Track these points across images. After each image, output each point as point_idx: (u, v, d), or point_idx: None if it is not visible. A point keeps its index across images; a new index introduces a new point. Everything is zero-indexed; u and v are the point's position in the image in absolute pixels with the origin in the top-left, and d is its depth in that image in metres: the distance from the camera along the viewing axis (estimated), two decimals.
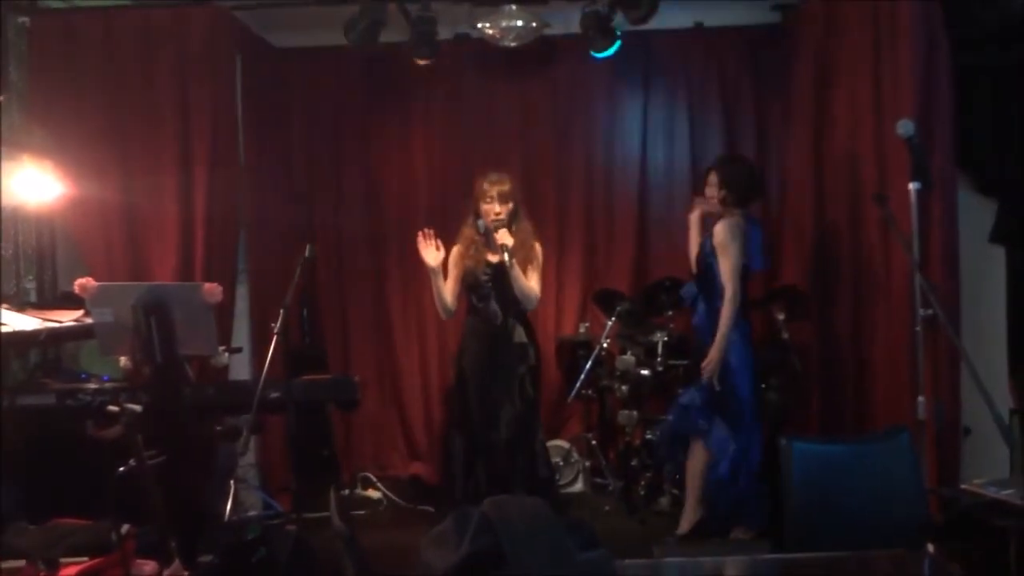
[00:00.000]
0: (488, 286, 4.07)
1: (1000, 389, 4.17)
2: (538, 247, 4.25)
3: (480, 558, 1.33)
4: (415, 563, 1.42)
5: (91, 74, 4.47)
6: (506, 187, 4.12)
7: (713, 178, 4.21)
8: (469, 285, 4.16)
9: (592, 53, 4.95)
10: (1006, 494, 2.33)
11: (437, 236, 4.08)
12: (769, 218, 5.39)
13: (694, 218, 4.38)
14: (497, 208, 4.09)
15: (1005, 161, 4.32)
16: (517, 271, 4.04)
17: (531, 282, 4.13)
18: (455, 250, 4.23)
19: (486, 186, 4.13)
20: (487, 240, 4.14)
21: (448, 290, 4.19)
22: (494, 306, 4.05)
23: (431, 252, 4.05)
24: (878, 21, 4.15)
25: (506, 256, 3.95)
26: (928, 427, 3.53)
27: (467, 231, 4.21)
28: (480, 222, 4.12)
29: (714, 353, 4.05)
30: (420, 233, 4.07)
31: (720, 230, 4.10)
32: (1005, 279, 4.42)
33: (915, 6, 3.88)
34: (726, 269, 4.06)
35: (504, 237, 3.98)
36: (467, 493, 4.15)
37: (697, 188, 4.91)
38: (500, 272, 4.07)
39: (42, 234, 4.55)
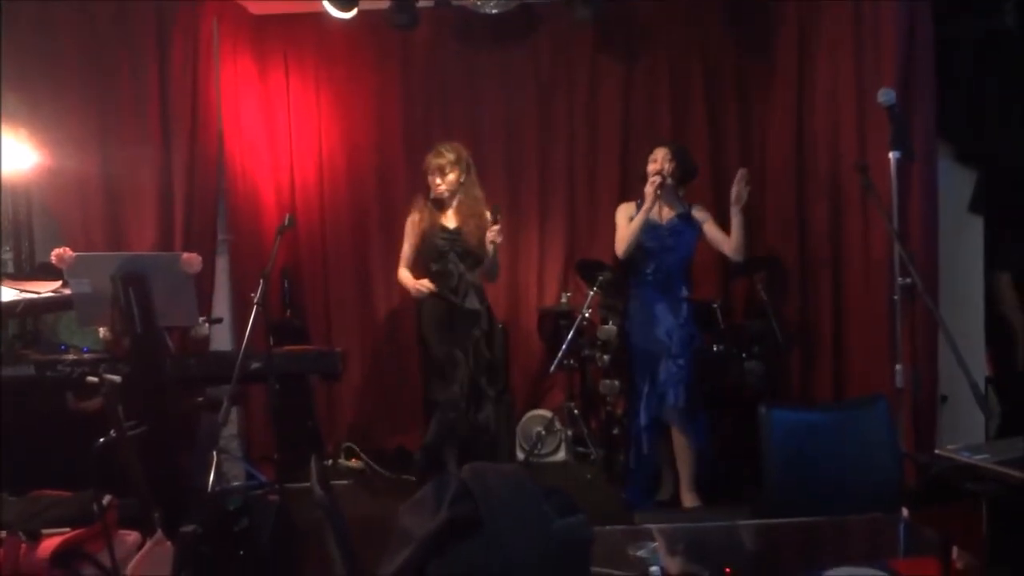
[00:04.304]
0: (445, 249, 4.28)
1: (977, 357, 4.23)
2: (489, 216, 4.26)
3: (458, 523, 1.34)
4: (393, 530, 1.43)
5: (66, 40, 4.39)
6: (443, 160, 4.25)
7: (663, 154, 4.21)
8: (427, 249, 4.32)
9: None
10: (979, 459, 2.36)
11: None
12: (750, 187, 5.40)
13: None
14: (437, 180, 4.27)
15: (984, 131, 4.35)
16: (495, 259, 4.26)
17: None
18: (411, 218, 4.40)
19: (429, 158, 4.30)
20: (440, 206, 4.32)
21: (406, 256, 4.41)
22: (451, 268, 4.28)
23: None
24: None
25: (491, 248, 4.18)
26: (906, 394, 3.58)
27: (421, 199, 4.38)
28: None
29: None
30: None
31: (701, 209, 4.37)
32: (983, 249, 4.46)
33: None
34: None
35: (494, 235, 4.15)
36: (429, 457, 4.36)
37: None
38: (456, 238, 4.26)
39: (18, 204, 4.50)
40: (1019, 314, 3.99)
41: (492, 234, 4.15)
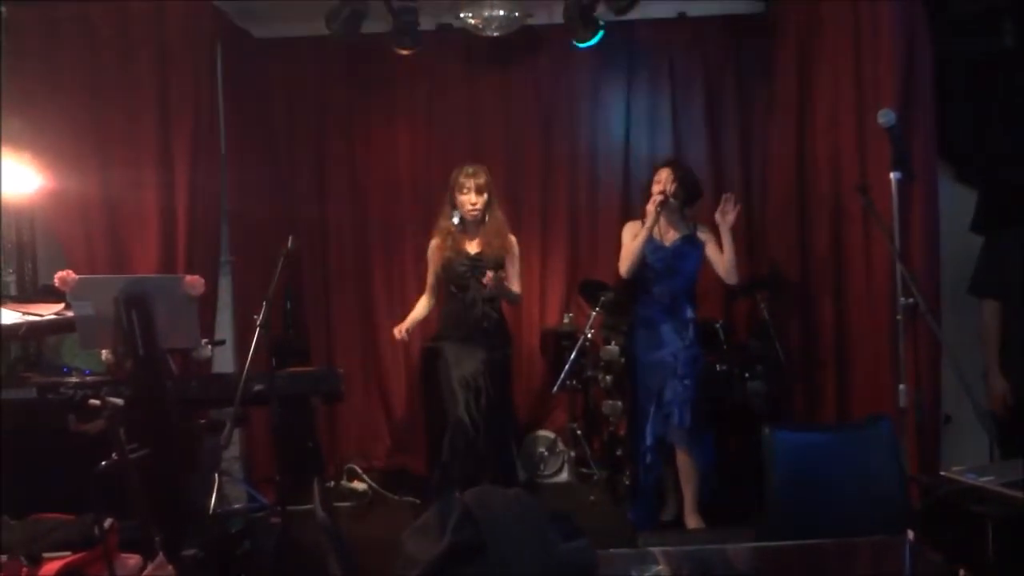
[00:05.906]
0: (467, 276, 4.26)
1: (980, 378, 4.20)
2: (513, 240, 4.38)
3: (462, 548, 1.34)
4: (398, 555, 1.42)
5: (70, 64, 4.40)
6: (482, 179, 4.26)
7: (666, 174, 4.24)
8: (448, 275, 4.32)
9: (575, 43, 4.96)
10: (984, 481, 2.35)
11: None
12: (751, 207, 5.41)
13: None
14: (473, 199, 4.25)
15: (985, 151, 4.35)
16: (506, 289, 4.25)
17: (514, 284, 4.34)
18: (433, 242, 4.39)
19: (462, 179, 4.27)
20: (464, 230, 4.29)
21: (428, 284, 4.45)
22: (472, 295, 4.25)
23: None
24: (860, 11, 4.16)
25: (493, 280, 4.11)
26: (909, 415, 3.56)
27: (444, 222, 4.34)
28: (456, 212, 4.27)
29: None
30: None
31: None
32: None
33: None
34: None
35: (487, 280, 4.13)
36: (445, 476, 4.29)
37: None
38: (477, 263, 4.25)
39: (21, 227, 4.50)
40: (993, 347, 3.82)
41: (485, 278, 4.15)
